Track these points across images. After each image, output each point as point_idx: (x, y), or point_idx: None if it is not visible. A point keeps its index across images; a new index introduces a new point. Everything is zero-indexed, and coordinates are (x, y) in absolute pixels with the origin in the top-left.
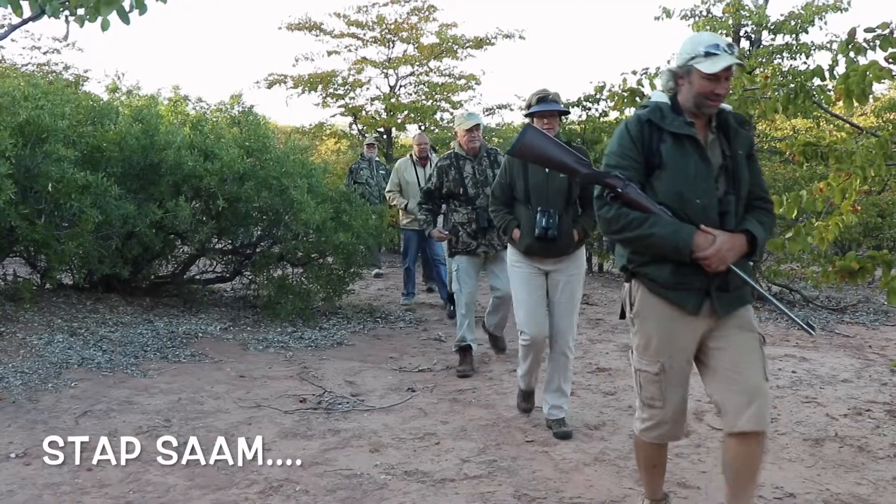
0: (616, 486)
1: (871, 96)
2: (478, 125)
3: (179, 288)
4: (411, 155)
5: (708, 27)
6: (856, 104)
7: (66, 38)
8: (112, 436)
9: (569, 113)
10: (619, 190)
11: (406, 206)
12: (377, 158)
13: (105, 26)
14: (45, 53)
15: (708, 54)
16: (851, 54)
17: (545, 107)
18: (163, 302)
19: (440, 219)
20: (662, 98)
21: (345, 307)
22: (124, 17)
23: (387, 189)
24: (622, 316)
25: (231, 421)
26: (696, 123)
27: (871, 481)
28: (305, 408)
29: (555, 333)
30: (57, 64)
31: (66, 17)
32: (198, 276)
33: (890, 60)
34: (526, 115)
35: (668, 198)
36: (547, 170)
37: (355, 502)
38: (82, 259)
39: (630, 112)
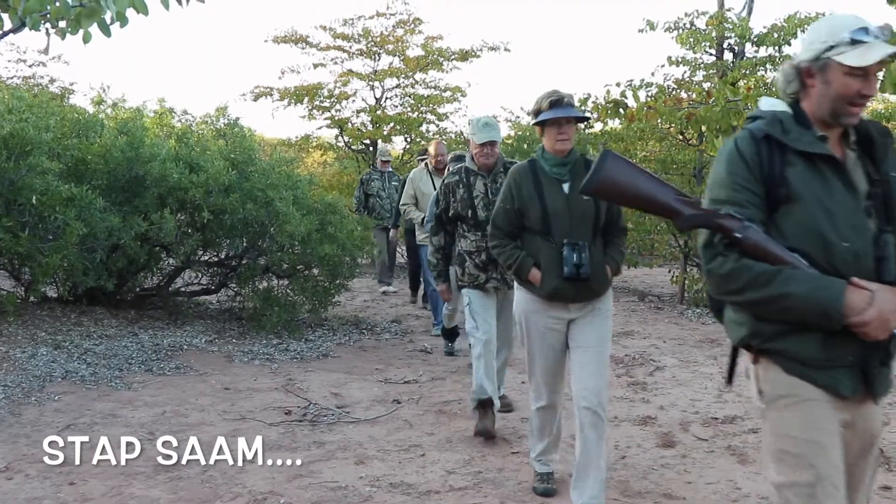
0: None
1: None
2: (494, 141)
3: (164, 300)
4: (426, 164)
5: (691, 40)
6: None
7: (46, 50)
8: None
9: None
10: (738, 235)
11: (423, 220)
12: (391, 170)
13: (87, 39)
14: (30, 66)
15: (854, 42)
16: None
17: (560, 112)
18: (148, 314)
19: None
20: (779, 105)
21: (330, 319)
22: (105, 30)
23: (401, 202)
24: (729, 381)
25: (216, 433)
26: (829, 138)
27: None
28: (290, 420)
29: (581, 392)
30: (42, 77)
31: (47, 29)
32: (183, 289)
33: None
34: (536, 124)
35: (803, 242)
36: (567, 191)
37: None
38: (67, 272)
39: (614, 124)
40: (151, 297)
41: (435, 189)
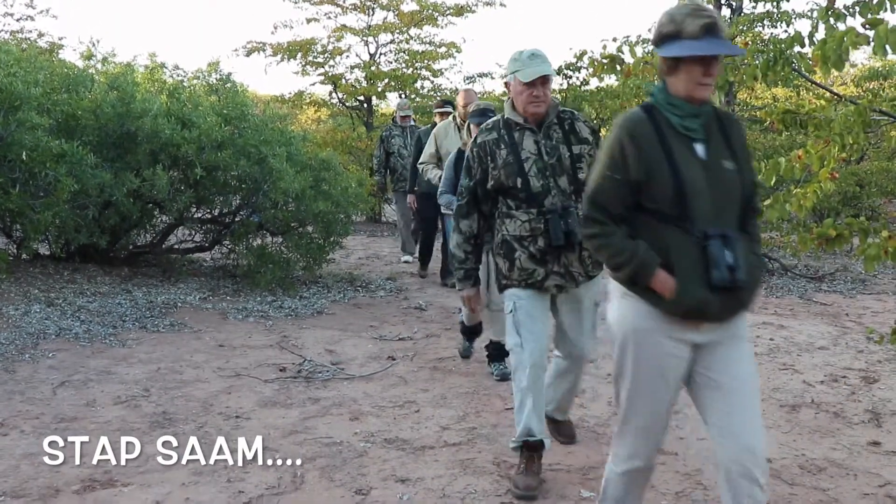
0: (595, 453)
1: (851, 64)
2: (547, 77)
3: (158, 257)
4: (455, 117)
5: None
6: (835, 71)
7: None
8: (90, 406)
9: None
10: None
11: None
12: (413, 123)
13: None
14: (18, 20)
15: None
16: (831, 21)
17: (715, 47)
18: (141, 272)
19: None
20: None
21: (325, 276)
22: None
23: (420, 160)
24: None
25: (210, 390)
26: None
27: (846, 446)
28: (285, 377)
29: (737, 454)
30: (31, 31)
31: None
32: (176, 246)
33: (867, 26)
34: (667, 57)
35: None
36: (703, 155)
37: (335, 470)
38: (59, 229)
39: (610, 79)
40: (145, 255)
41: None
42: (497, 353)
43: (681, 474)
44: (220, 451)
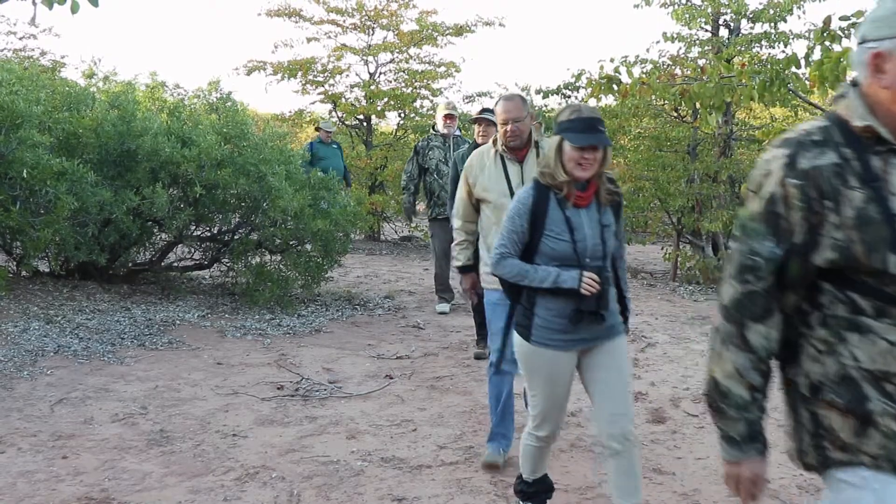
0: (591, 472)
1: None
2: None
3: (157, 275)
4: (495, 141)
5: (687, 15)
6: (833, 92)
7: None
8: (88, 423)
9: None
10: None
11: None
12: (459, 132)
13: (74, 9)
14: (20, 39)
15: None
16: (827, 42)
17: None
18: (140, 289)
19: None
20: None
21: (323, 294)
22: (93, 0)
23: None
24: None
25: (208, 408)
26: None
27: None
28: (283, 395)
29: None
30: (33, 49)
31: None
32: (176, 264)
33: None
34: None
35: None
36: None
37: (332, 489)
38: (58, 246)
39: (608, 99)
40: (144, 272)
41: (509, 184)
42: None
43: (678, 494)
44: (217, 470)
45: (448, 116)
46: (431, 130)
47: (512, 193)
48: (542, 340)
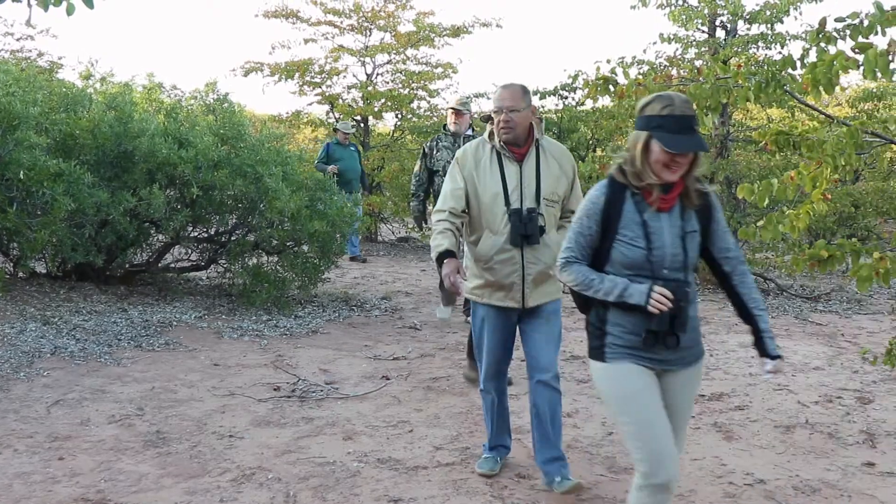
0: (588, 473)
1: (843, 86)
2: None
3: (154, 276)
4: (491, 134)
5: (684, 17)
6: (827, 95)
7: (29, 21)
8: (84, 425)
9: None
10: None
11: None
12: (472, 131)
13: (70, 10)
14: (18, 40)
15: None
16: (822, 44)
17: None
18: (137, 290)
19: None
20: None
21: (320, 295)
22: (87, 1)
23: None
24: None
25: (204, 409)
26: None
27: (840, 467)
28: (279, 396)
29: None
30: (31, 51)
31: (29, 0)
32: (172, 265)
33: (856, 50)
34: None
35: None
36: None
37: (328, 490)
38: (55, 247)
39: (605, 100)
40: (141, 273)
41: (508, 193)
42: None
43: (674, 495)
44: (213, 471)
45: (456, 113)
46: (442, 130)
47: (507, 198)
48: (618, 355)
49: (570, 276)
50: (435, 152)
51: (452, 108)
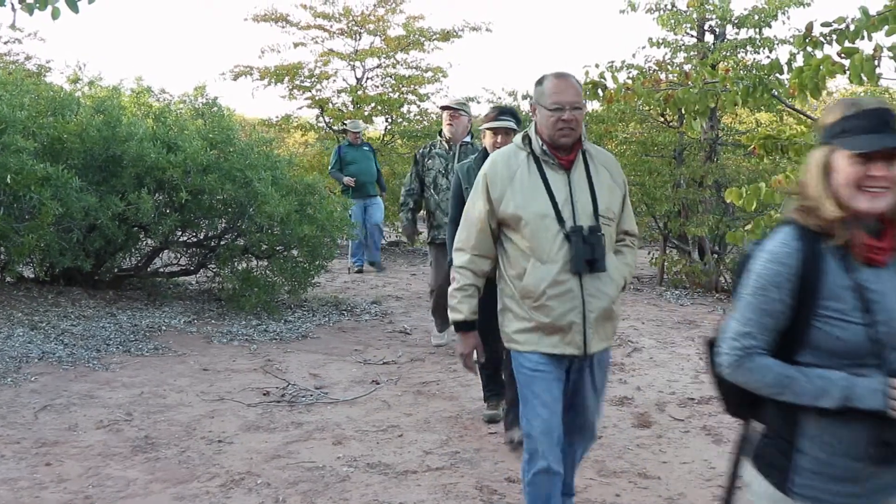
0: (577, 478)
1: (830, 90)
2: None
3: (143, 281)
4: (524, 138)
5: (672, 21)
6: (814, 99)
7: (13, 25)
8: (72, 430)
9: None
10: None
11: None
12: (470, 138)
13: (55, 15)
14: (5, 43)
15: None
16: (809, 48)
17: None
18: (126, 295)
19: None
20: None
21: (310, 300)
22: (72, 6)
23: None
24: None
25: (193, 414)
26: None
27: None
28: (269, 401)
29: None
30: (18, 54)
31: (13, 4)
32: (162, 269)
33: (843, 55)
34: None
35: None
36: None
37: (317, 495)
38: (43, 252)
39: (594, 104)
40: (129, 278)
41: (558, 206)
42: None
43: (663, 498)
44: (202, 476)
45: (451, 113)
46: (438, 136)
47: (557, 213)
48: (812, 494)
49: (754, 375)
50: (426, 160)
51: (446, 108)
